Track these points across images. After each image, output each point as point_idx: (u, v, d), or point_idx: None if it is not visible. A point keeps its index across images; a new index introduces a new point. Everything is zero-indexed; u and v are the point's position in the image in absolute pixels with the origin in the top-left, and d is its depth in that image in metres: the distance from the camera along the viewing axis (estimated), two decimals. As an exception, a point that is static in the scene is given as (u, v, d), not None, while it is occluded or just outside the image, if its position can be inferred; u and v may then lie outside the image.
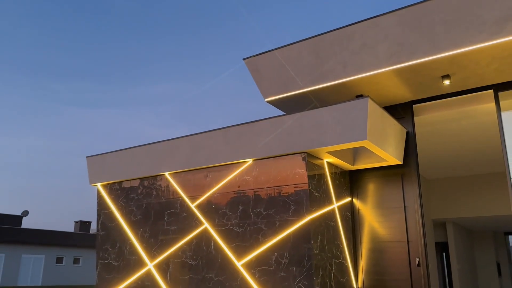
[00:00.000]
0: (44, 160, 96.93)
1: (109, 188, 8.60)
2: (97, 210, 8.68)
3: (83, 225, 37.96)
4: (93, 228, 40.32)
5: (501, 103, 6.64)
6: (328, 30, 6.75)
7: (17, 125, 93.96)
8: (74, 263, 33.50)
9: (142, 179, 8.17)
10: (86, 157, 8.97)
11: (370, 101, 5.85)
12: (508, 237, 15.74)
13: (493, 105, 6.95)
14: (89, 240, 34.89)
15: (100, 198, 8.68)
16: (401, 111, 7.47)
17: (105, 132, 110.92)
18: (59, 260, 32.68)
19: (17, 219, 33.66)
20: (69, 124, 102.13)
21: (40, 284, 30.75)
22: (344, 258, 6.98)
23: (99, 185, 8.77)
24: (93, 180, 8.81)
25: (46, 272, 31.52)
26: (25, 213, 34.75)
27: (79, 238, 34.67)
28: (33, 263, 30.99)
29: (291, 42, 7.17)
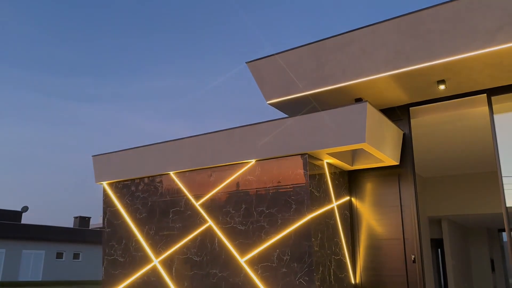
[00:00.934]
0: (42, 155, 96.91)
1: (115, 186, 8.86)
2: (103, 208, 8.93)
3: (83, 220, 38.20)
4: (93, 223, 40.58)
5: (493, 106, 6.94)
6: (328, 36, 7.00)
7: (15, 120, 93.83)
8: (74, 258, 33.79)
9: (147, 177, 8.42)
10: (92, 156, 9.21)
11: (368, 106, 6.13)
12: (501, 234, 16.10)
13: (486, 108, 7.23)
14: (89, 235, 35.16)
15: (106, 196, 8.93)
16: (398, 114, 7.75)
17: (104, 127, 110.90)
18: (59, 255, 32.95)
19: (17, 214, 33.86)
20: (68, 119, 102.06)
21: (40, 279, 31.02)
22: (343, 255, 7.27)
23: (104, 184, 9.02)
24: (99, 178, 9.05)
25: (46, 267, 31.80)
26: (25, 208, 34.95)
27: (79, 233, 34.92)
28: (34, 259, 31.25)
29: (291, 43, 7.45)
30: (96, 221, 43.57)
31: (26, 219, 35.98)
